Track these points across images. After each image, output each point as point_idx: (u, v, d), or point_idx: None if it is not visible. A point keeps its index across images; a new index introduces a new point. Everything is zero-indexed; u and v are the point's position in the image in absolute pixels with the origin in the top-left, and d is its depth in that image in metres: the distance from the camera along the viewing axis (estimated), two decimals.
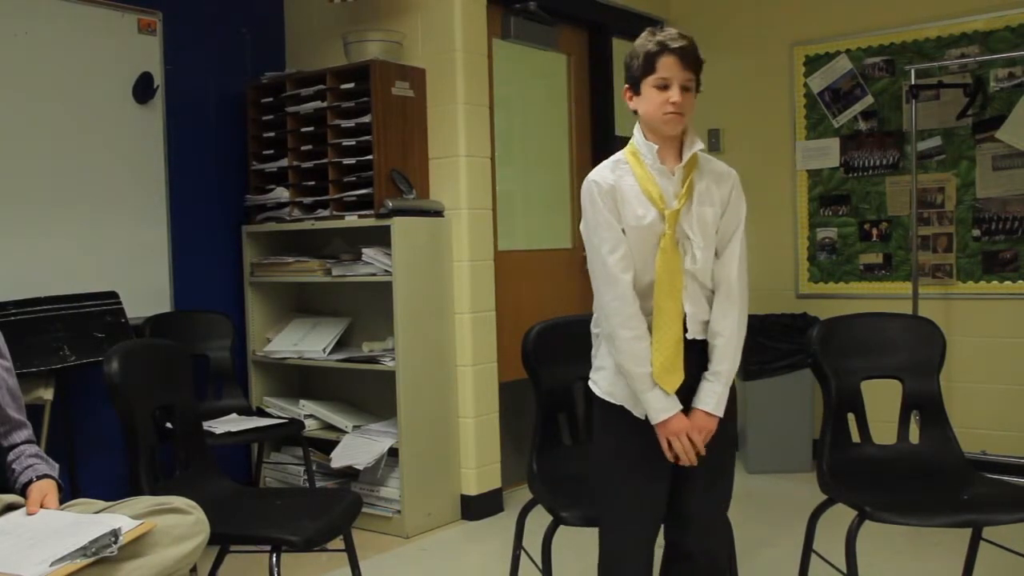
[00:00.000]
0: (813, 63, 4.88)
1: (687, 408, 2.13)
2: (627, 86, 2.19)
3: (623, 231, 2.13)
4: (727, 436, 2.21)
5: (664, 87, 2.09)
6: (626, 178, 2.15)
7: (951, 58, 4.45)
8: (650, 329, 2.12)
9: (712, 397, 2.14)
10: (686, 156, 2.15)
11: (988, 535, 2.72)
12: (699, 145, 2.17)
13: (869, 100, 4.72)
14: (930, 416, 2.73)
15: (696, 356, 2.16)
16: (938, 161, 4.53)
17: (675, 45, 2.09)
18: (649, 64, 2.10)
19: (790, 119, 4.95)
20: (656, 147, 2.14)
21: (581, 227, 2.22)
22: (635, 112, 2.18)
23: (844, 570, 2.43)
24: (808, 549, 2.67)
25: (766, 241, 5.03)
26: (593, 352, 2.29)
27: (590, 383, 2.27)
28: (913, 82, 4.41)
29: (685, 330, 2.13)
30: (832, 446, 2.65)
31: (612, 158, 2.22)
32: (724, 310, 2.16)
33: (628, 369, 2.11)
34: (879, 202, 4.71)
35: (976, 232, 4.45)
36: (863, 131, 4.74)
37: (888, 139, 4.67)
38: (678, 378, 2.11)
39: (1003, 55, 4.30)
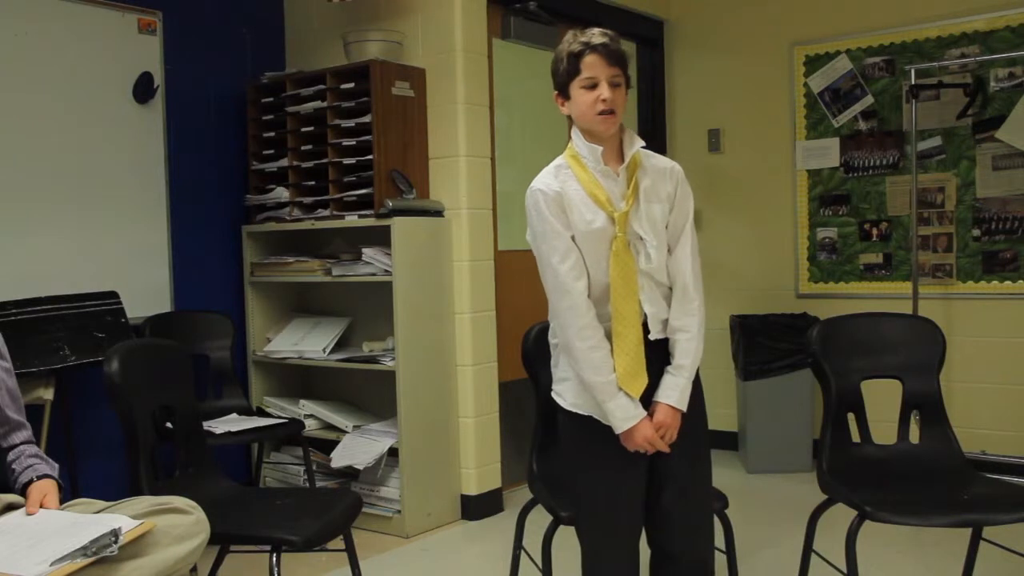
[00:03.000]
0: (813, 63, 4.88)
1: (649, 405, 2.12)
2: (556, 92, 2.17)
3: (572, 238, 2.10)
4: (698, 433, 2.20)
5: (592, 86, 2.08)
6: (570, 183, 2.12)
7: (951, 58, 4.45)
8: (609, 335, 2.10)
9: (675, 391, 2.12)
10: (627, 156, 2.13)
11: (988, 535, 2.72)
12: (639, 143, 2.15)
13: (869, 100, 4.72)
14: (930, 416, 2.73)
15: (658, 356, 2.15)
16: (938, 161, 4.53)
17: (597, 42, 2.09)
18: (574, 65, 2.10)
19: (790, 119, 4.95)
20: (600, 149, 2.11)
21: (527, 236, 2.19)
22: (568, 117, 2.17)
23: (844, 570, 2.43)
24: (808, 549, 2.67)
25: (766, 241, 5.03)
26: (552, 362, 2.27)
27: (554, 395, 2.25)
28: (913, 82, 4.41)
29: (647, 331, 2.12)
30: (832, 446, 2.65)
31: (552, 164, 2.19)
32: (684, 307, 2.15)
33: (588, 379, 2.09)
34: (879, 202, 4.71)
35: (976, 232, 4.45)
36: (863, 131, 4.74)
37: (888, 139, 4.67)
38: (643, 382, 2.10)
39: (1003, 55, 4.30)
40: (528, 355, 2.69)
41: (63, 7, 3.68)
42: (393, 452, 3.87)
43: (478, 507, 4.05)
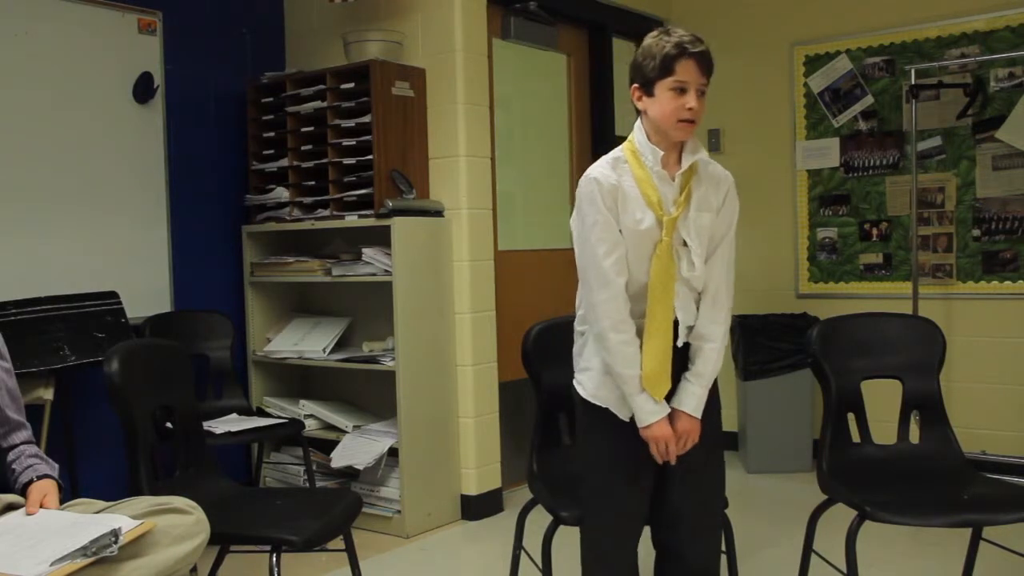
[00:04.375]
0: (813, 63, 4.88)
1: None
2: (636, 85, 2.12)
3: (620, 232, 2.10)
4: (712, 435, 2.20)
5: (682, 91, 2.05)
6: (626, 179, 2.11)
7: (951, 58, 4.45)
8: (639, 333, 2.11)
9: (693, 399, 2.13)
10: (686, 163, 2.12)
11: (988, 535, 2.72)
12: (702, 153, 2.14)
13: (869, 100, 4.72)
14: (930, 416, 2.73)
15: (681, 361, 2.16)
16: (938, 161, 4.53)
17: (695, 49, 2.05)
18: (667, 66, 2.05)
19: (790, 119, 4.95)
20: (662, 153, 2.10)
21: (572, 222, 2.18)
22: (641, 112, 2.14)
23: (844, 570, 2.43)
24: (808, 549, 2.67)
25: (766, 241, 5.03)
26: (576, 350, 2.27)
27: (575, 383, 2.25)
28: (913, 82, 4.41)
29: (675, 336, 2.12)
30: (832, 446, 2.65)
31: (611, 155, 2.17)
32: (713, 315, 2.16)
33: (618, 371, 2.10)
34: (879, 202, 4.71)
35: (976, 232, 4.45)
36: (863, 131, 4.74)
37: (888, 139, 4.67)
38: (666, 386, 2.11)
39: (1003, 55, 4.30)
40: (528, 355, 2.69)
41: (63, 7, 3.68)
42: (393, 452, 3.87)
43: (478, 507, 4.05)
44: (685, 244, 2.12)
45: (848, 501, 2.45)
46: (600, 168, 2.14)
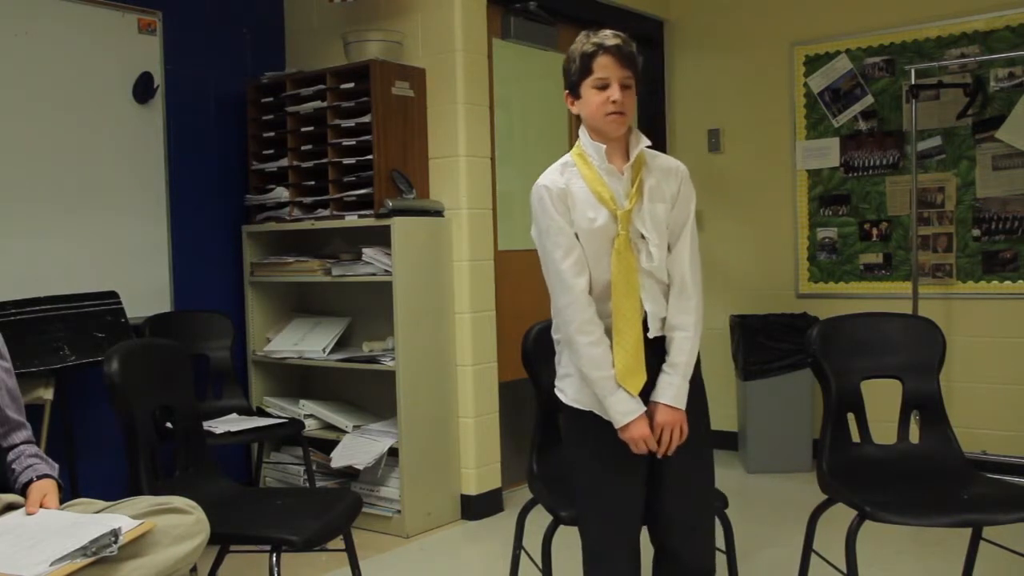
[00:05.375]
0: (813, 63, 4.88)
1: (647, 402, 2.13)
2: (567, 92, 2.19)
3: (575, 235, 2.12)
4: (697, 432, 2.19)
5: (603, 87, 2.10)
6: (575, 181, 2.14)
7: (951, 58, 4.45)
8: (609, 332, 2.12)
9: (670, 389, 2.13)
10: (632, 155, 2.15)
11: (988, 535, 2.72)
12: (645, 142, 2.17)
13: (869, 100, 4.72)
14: (930, 416, 2.73)
15: (656, 353, 2.15)
16: (938, 161, 4.53)
17: (610, 44, 2.10)
18: (586, 66, 2.11)
19: (790, 119, 4.95)
20: (603, 147, 2.13)
21: (532, 232, 2.21)
22: (577, 116, 2.19)
23: (844, 570, 2.43)
24: (808, 549, 2.67)
25: (766, 241, 5.03)
26: (556, 358, 2.28)
27: (556, 391, 2.26)
28: (913, 82, 4.41)
29: (646, 329, 2.13)
30: (832, 446, 2.65)
31: (559, 161, 2.21)
32: (681, 305, 2.16)
33: (588, 374, 2.11)
34: (879, 202, 4.71)
35: (976, 232, 4.45)
36: (863, 131, 4.74)
37: (888, 139, 4.67)
38: (641, 379, 2.11)
39: (1003, 55, 4.30)
40: (528, 355, 2.69)
41: (63, 7, 3.68)
42: (393, 452, 3.87)
43: (478, 507, 4.05)
44: (643, 236, 2.13)
45: (848, 501, 2.45)
46: (548, 175, 2.18)
